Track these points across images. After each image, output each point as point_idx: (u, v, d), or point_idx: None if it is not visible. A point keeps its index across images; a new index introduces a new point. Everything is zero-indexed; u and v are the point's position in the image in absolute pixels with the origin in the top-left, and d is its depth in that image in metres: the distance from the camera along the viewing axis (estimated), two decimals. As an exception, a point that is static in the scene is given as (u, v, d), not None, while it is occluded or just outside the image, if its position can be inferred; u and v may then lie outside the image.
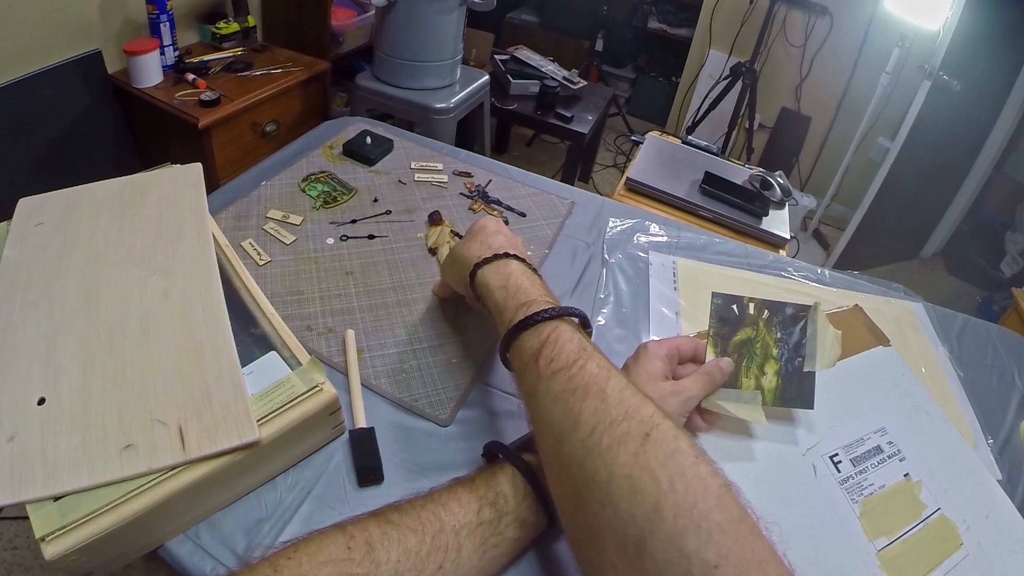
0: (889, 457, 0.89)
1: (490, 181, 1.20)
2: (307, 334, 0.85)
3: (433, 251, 1.02)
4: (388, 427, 0.77)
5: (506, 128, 3.99)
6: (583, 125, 3.14)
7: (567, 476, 0.57)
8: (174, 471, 0.59)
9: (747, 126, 3.71)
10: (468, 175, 1.21)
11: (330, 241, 1.00)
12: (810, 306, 0.92)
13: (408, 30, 2.42)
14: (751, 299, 0.92)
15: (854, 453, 0.87)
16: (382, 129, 1.29)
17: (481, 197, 1.15)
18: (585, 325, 0.72)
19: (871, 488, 0.83)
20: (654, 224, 1.23)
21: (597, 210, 1.23)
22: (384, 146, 1.22)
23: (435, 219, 1.10)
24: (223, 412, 0.63)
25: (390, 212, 1.08)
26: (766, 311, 0.92)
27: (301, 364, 0.69)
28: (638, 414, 0.56)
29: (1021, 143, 4.60)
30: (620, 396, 0.58)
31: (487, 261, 0.78)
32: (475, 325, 0.92)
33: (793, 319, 0.91)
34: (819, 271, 1.25)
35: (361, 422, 0.75)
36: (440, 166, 1.21)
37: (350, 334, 0.85)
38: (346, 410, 0.76)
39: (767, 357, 0.88)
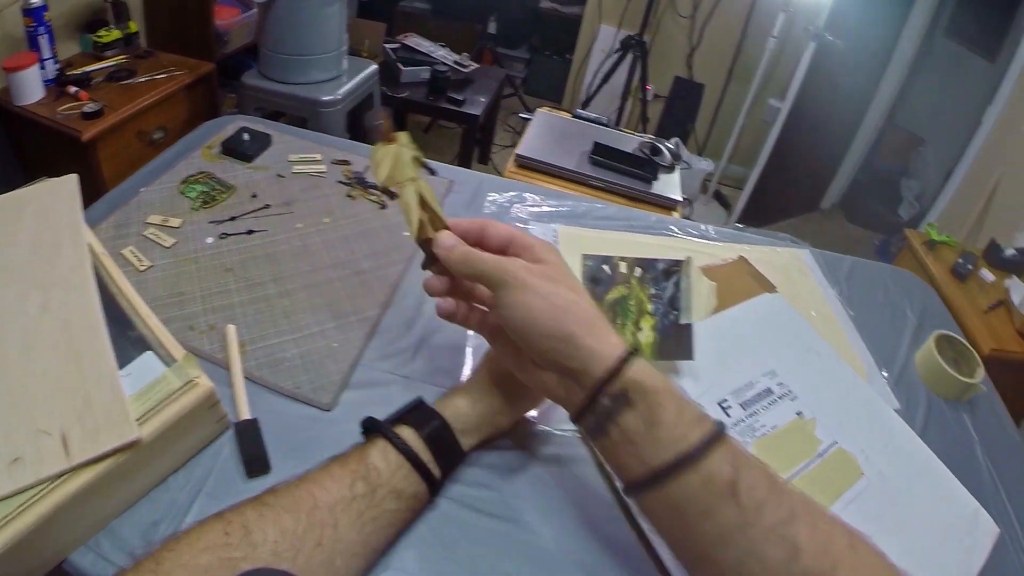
0: (780, 398, 0.90)
1: (368, 167, 1.21)
2: (190, 333, 0.85)
3: (389, 192, 0.80)
4: (273, 417, 0.77)
5: (402, 117, 3.96)
6: (475, 107, 3.17)
7: None
8: (61, 478, 0.59)
9: (641, 97, 3.79)
10: (347, 163, 1.21)
11: (210, 240, 1.01)
12: (682, 260, 0.93)
13: (290, 24, 2.41)
14: (622, 258, 0.94)
15: (744, 397, 0.88)
16: (261, 125, 1.29)
17: (359, 183, 1.16)
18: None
19: (764, 429, 0.85)
20: (532, 195, 1.26)
21: (476, 187, 1.26)
22: (261, 142, 1.23)
23: (382, 131, 0.78)
24: (104, 415, 0.64)
25: (268, 206, 1.08)
26: (638, 268, 0.93)
27: (177, 361, 0.70)
28: (833, 524, 0.55)
29: (910, 96, 4.83)
30: (811, 508, 0.56)
31: (637, 354, 0.61)
32: (354, 309, 0.93)
33: (665, 274, 0.93)
34: (703, 228, 1.29)
35: (245, 414, 0.76)
36: (319, 156, 1.22)
37: (231, 329, 0.85)
38: (231, 404, 0.77)
39: (642, 313, 0.90)
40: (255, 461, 0.72)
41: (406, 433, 0.67)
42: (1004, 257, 2.67)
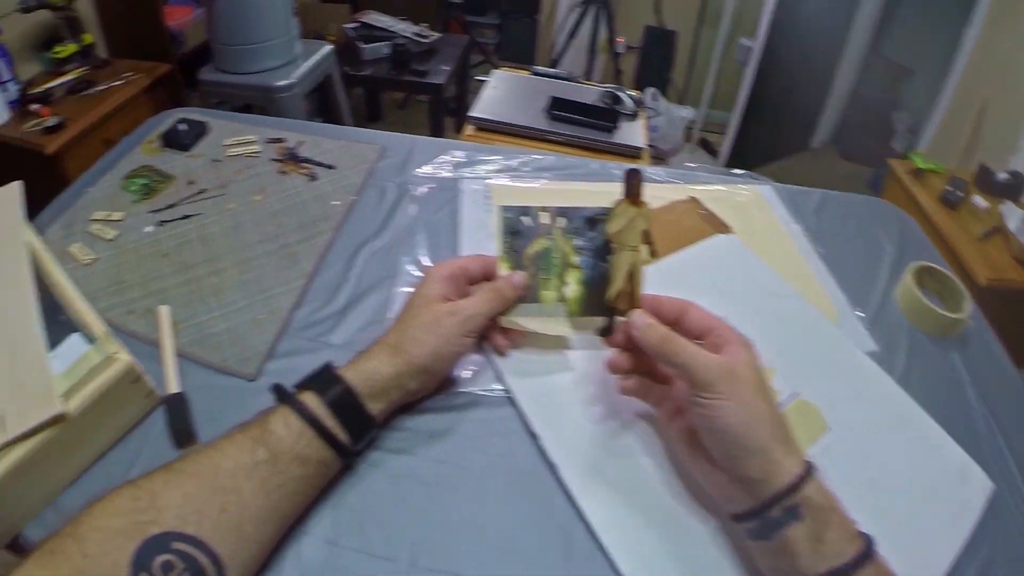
0: (732, 347, 0.85)
1: (302, 142, 1.23)
2: (129, 317, 0.88)
3: (608, 245, 0.81)
4: (203, 390, 0.80)
5: (375, 96, 3.98)
6: (439, 76, 3.18)
7: None
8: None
9: (611, 50, 3.78)
10: (280, 140, 1.23)
11: (149, 229, 1.03)
12: (610, 208, 0.85)
13: (236, 16, 2.44)
14: (543, 208, 0.88)
15: (692, 348, 0.82)
16: (199, 115, 1.31)
17: (291, 159, 1.18)
18: None
19: (715, 381, 0.79)
20: (457, 152, 1.26)
21: (407, 151, 1.25)
22: (197, 130, 1.25)
23: (633, 188, 0.82)
24: (33, 394, 0.67)
25: (204, 191, 1.11)
26: (561, 219, 0.87)
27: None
28: None
29: (892, 26, 4.79)
30: None
31: (813, 471, 0.63)
32: (280, 281, 0.95)
33: (590, 223, 0.86)
34: (651, 171, 1.25)
35: (174, 388, 0.78)
36: (253, 138, 1.24)
37: (163, 309, 0.88)
38: (162, 381, 0.80)
39: (567, 266, 0.84)
40: (183, 432, 0.74)
41: (309, 399, 0.67)
42: (997, 181, 2.55)
